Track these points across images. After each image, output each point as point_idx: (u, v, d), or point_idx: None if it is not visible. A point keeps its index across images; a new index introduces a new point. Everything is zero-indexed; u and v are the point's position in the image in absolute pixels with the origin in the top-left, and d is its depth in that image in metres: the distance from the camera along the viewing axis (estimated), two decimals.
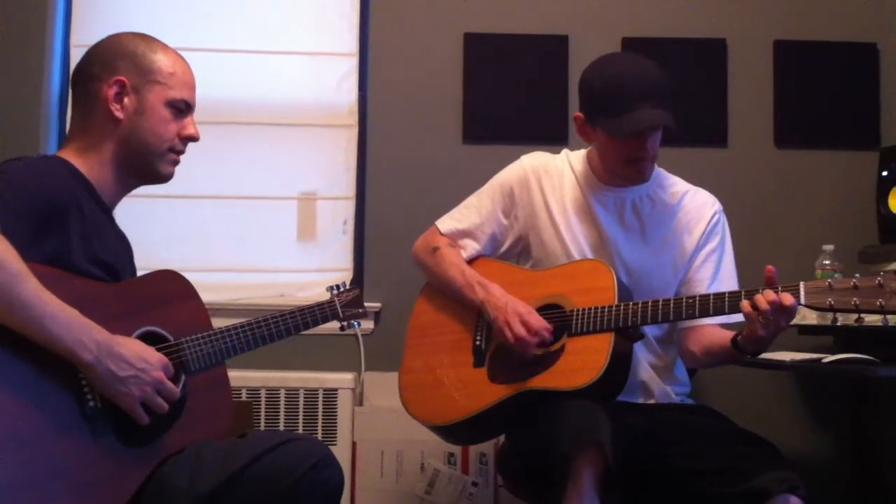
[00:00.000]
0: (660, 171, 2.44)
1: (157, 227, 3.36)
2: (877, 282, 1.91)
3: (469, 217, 2.50)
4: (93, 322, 1.69)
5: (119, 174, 1.93)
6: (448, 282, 2.44)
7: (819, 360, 2.52)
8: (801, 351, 2.69)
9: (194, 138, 1.99)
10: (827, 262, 2.91)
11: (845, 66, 3.44)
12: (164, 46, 1.98)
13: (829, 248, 2.95)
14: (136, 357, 1.73)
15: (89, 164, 1.89)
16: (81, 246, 1.79)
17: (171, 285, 1.97)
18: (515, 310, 2.23)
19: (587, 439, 1.96)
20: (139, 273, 2.01)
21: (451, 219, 2.53)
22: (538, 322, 2.20)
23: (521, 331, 2.20)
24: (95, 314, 1.70)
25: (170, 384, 1.78)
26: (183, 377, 1.86)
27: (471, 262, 2.47)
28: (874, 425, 3.27)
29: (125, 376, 1.70)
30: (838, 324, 2.56)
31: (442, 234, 2.52)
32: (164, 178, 1.99)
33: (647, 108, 2.18)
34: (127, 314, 1.83)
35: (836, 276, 2.44)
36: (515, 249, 2.49)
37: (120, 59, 1.92)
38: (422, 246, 2.55)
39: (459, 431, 2.37)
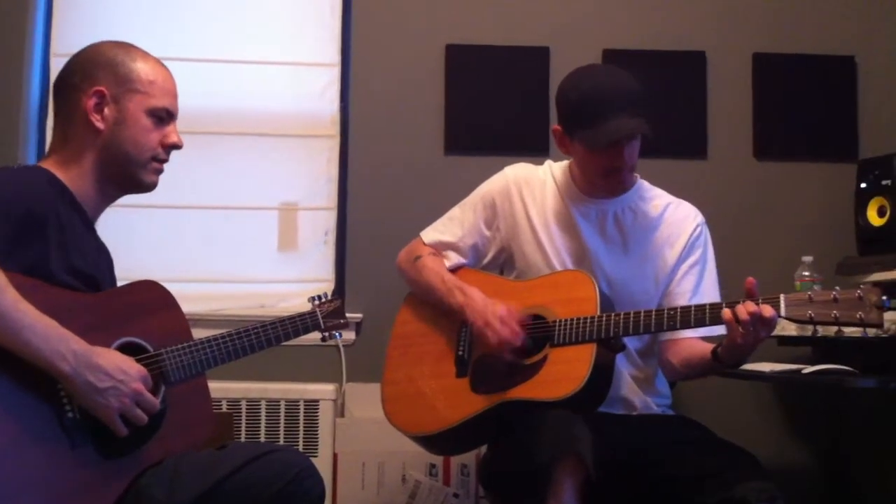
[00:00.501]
0: (643, 184, 2.45)
1: (137, 238, 3.34)
2: (856, 294, 1.92)
3: (452, 229, 2.50)
4: (71, 333, 1.67)
5: (101, 185, 1.91)
6: (429, 289, 2.43)
7: (798, 370, 2.53)
8: (781, 362, 2.69)
9: (177, 146, 1.97)
10: (806, 273, 2.93)
11: (824, 79, 3.47)
12: (145, 54, 1.96)
13: (808, 259, 2.97)
14: (114, 368, 1.71)
15: (70, 175, 1.87)
16: (60, 256, 1.77)
17: (151, 295, 1.96)
18: (495, 312, 2.23)
19: (567, 449, 1.96)
20: (119, 283, 1.99)
21: (434, 230, 2.54)
22: (514, 327, 2.20)
23: (505, 332, 2.19)
24: (74, 325, 1.69)
25: (149, 395, 1.77)
26: (163, 388, 1.85)
27: (453, 272, 2.47)
28: (853, 436, 3.28)
29: (104, 388, 1.69)
30: (818, 335, 2.58)
31: (426, 244, 2.52)
32: (148, 187, 1.97)
33: (623, 118, 2.19)
34: (106, 325, 1.81)
35: (816, 287, 2.46)
36: (498, 261, 2.50)
37: (99, 68, 1.90)
38: (405, 256, 2.56)
39: (442, 442, 2.36)
